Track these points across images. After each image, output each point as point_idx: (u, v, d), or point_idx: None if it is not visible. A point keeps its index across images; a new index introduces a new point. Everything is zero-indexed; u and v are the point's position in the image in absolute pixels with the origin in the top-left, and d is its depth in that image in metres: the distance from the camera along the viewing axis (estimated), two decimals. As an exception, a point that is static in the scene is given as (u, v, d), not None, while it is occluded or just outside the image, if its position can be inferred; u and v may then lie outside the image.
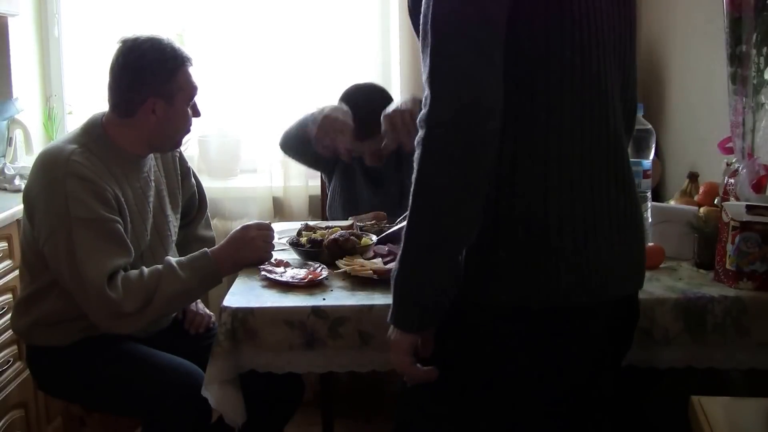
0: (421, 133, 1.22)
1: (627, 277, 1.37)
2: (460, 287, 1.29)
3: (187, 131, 2.06)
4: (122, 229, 1.92)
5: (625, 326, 1.46)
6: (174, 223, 2.17)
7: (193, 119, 2.06)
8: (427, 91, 1.21)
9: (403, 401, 1.47)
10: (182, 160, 2.25)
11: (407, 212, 1.29)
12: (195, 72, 2.04)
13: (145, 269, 1.91)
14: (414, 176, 1.23)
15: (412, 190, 1.24)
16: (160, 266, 1.92)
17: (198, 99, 2.06)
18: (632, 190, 1.38)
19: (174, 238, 2.17)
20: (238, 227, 2.02)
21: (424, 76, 1.22)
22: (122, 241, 1.91)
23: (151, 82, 1.96)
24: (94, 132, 2.00)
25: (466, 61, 1.19)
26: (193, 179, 2.30)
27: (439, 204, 1.22)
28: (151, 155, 2.11)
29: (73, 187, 1.86)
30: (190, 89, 2.01)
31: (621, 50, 1.36)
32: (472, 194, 1.22)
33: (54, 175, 1.89)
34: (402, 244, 1.27)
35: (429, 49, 1.22)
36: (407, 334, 1.31)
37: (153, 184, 2.10)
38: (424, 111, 1.21)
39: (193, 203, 2.32)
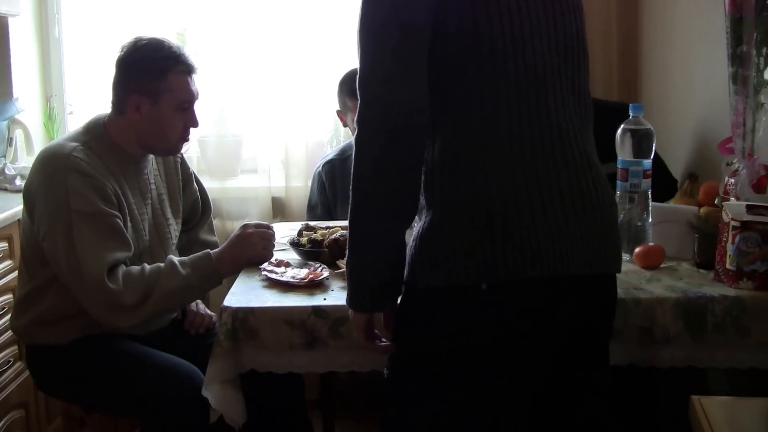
0: (356, 132, 1.34)
1: (588, 257, 1.37)
2: (413, 272, 1.38)
3: (182, 138, 2.04)
4: (122, 224, 1.93)
5: (598, 307, 1.46)
6: (174, 227, 2.18)
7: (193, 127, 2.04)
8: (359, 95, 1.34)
9: (386, 388, 1.50)
10: (184, 166, 2.25)
11: None
12: (198, 81, 2.02)
13: (147, 265, 1.92)
14: (351, 171, 1.35)
15: (351, 182, 1.36)
16: (161, 264, 1.94)
17: (198, 108, 2.04)
18: (591, 172, 1.40)
19: (174, 241, 2.18)
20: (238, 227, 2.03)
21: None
22: (122, 236, 1.92)
23: (137, 78, 1.96)
24: (95, 131, 2.01)
25: (387, 66, 1.31)
26: (195, 185, 2.30)
27: (372, 195, 1.35)
28: (153, 158, 2.11)
29: (73, 182, 1.87)
30: (181, 94, 1.98)
31: (563, 37, 1.39)
32: (401, 185, 1.34)
33: (55, 170, 1.90)
34: (348, 233, 1.40)
35: (358, 59, 1.35)
36: (359, 313, 1.44)
37: (153, 186, 2.11)
38: (357, 113, 1.34)
39: (196, 208, 2.33)
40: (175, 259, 1.96)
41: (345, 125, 2.79)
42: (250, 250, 1.98)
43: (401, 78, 1.31)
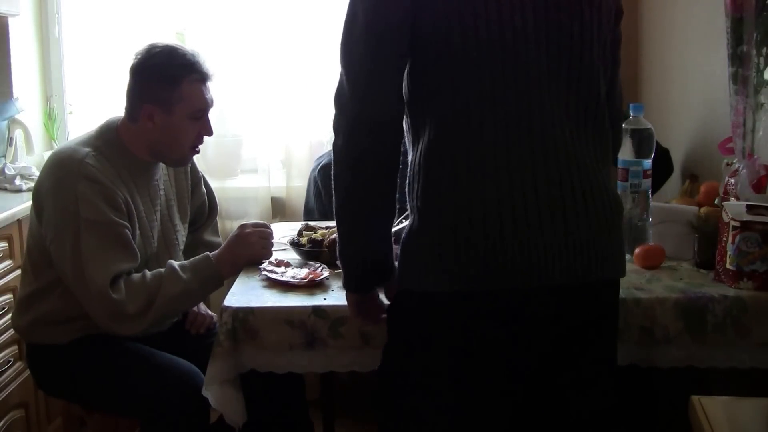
0: (333, 140, 1.42)
1: (567, 266, 1.35)
2: (398, 274, 1.44)
3: (193, 147, 2.03)
4: (130, 234, 1.92)
5: (583, 314, 1.42)
6: (182, 232, 2.18)
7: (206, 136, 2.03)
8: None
9: (378, 380, 1.54)
10: (194, 170, 2.25)
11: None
12: (212, 89, 2.01)
13: (148, 272, 1.91)
14: (332, 172, 1.43)
15: (332, 181, 1.43)
16: (162, 269, 1.93)
17: (211, 117, 2.03)
18: (579, 177, 1.36)
19: (181, 246, 2.18)
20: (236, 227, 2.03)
21: None
22: (129, 246, 1.91)
23: (150, 87, 1.95)
24: (108, 135, 2.00)
25: (362, 78, 1.36)
26: (204, 187, 2.30)
27: (348, 199, 1.43)
28: (162, 164, 2.11)
29: (84, 189, 1.86)
30: (195, 102, 1.96)
31: (556, 38, 1.35)
32: (373, 190, 1.40)
33: (66, 175, 1.89)
34: (336, 226, 1.48)
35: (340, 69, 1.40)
36: (350, 293, 1.56)
37: (162, 192, 2.10)
38: (333, 121, 1.41)
39: (203, 211, 2.33)
40: (176, 263, 1.95)
41: None
42: (249, 249, 1.98)
43: (376, 90, 1.36)
